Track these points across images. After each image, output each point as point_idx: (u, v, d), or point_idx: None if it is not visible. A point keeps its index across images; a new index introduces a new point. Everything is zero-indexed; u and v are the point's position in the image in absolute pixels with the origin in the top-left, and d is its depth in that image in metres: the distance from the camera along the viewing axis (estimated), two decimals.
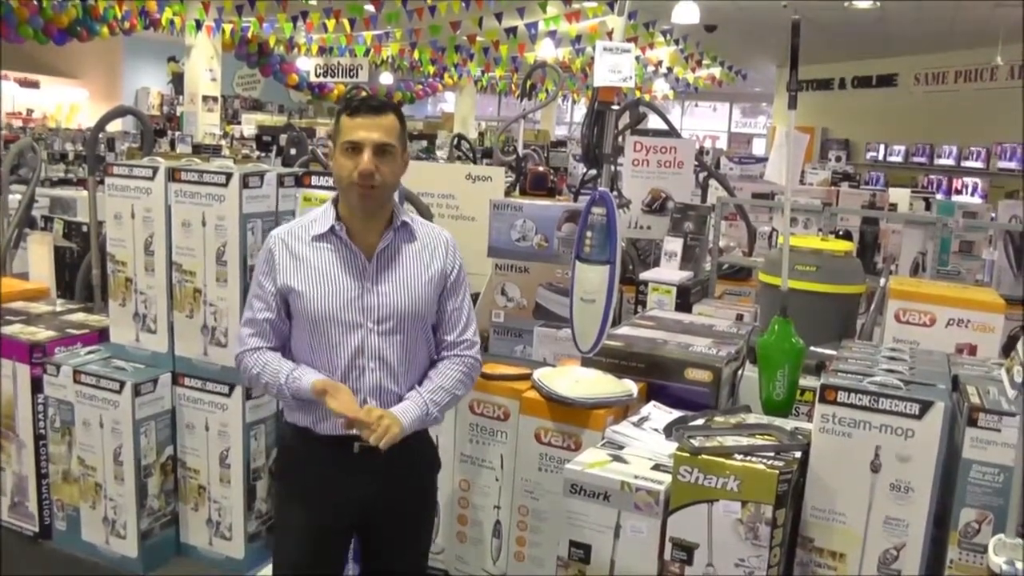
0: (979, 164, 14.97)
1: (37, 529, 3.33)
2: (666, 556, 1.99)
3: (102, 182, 3.33)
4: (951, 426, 1.99)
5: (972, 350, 2.73)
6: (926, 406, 1.94)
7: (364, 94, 8.31)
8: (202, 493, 3.20)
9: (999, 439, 1.90)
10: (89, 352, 3.28)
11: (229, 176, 2.97)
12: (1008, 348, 2.85)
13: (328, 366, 2.31)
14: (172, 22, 14.35)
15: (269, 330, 2.36)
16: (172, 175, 3.07)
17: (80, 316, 3.62)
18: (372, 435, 2.16)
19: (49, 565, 3.28)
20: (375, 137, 2.25)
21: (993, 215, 5.12)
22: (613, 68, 2.73)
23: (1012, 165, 14.25)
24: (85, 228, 4.61)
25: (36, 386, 3.24)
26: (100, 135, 5.03)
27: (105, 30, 13.95)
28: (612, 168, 3.53)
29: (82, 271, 4.35)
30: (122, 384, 3.05)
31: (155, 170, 3.09)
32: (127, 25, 14.11)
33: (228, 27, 15.12)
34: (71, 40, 13.73)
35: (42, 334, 3.33)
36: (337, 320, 2.30)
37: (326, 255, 2.32)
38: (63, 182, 11.18)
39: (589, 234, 2.65)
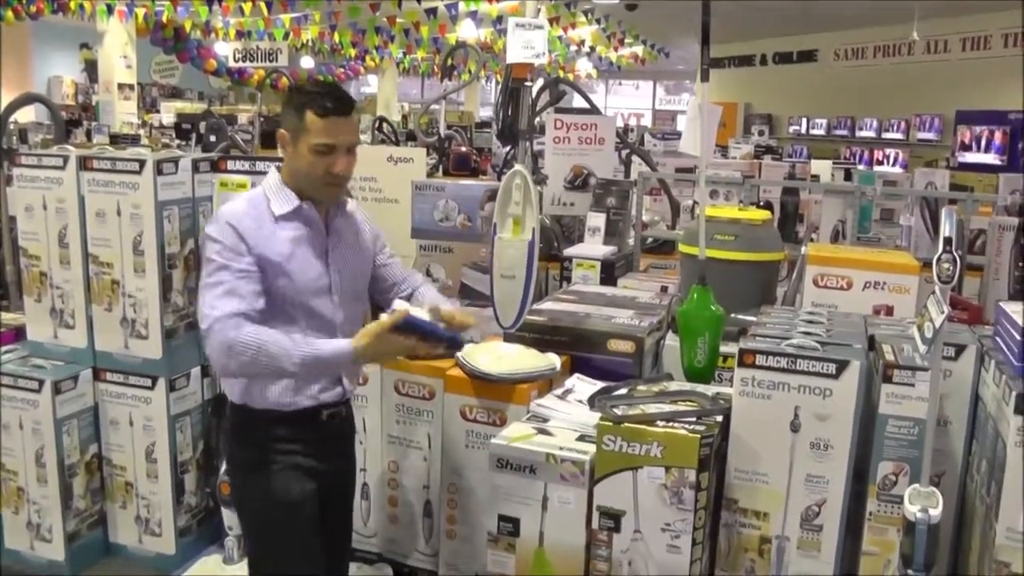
0: (899, 135, 15.35)
1: None
2: (594, 525, 2.01)
3: (13, 176, 3.23)
4: (868, 384, 2.04)
5: (889, 311, 2.80)
6: (842, 365, 1.99)
7: (315, 86, 8.12)
8: (129, 490, 3.14)
9: (913, 393, 1.95)
10: (6, 352, 3.20)
11: (143, 163, 2.92)
12: None
13: None
14: (82, 6, 13.75)
15: (254, 300, 2.17)
16: (84, 164, 3.00)
17: None
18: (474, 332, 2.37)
19: None
20: (349, 140, 2.29)
21: (912, 183, 5.24)
22: (526, 44, 2.72)
23: (931, 136, 14.65)
24: None
25: None
26: (10, 126, 4.87)
27: (9, 14, 13.33)
28: (529, 145, 3.52)
29: None
30: (41, 383, 2.98)
31: (66, 159, 3.02)
32: (33, 9, 13.47)
33: (141, 11, 14.55)
34: None
35: None
36: (314, 294, 2.30)
37: (292, 233, 2.29)
38: None
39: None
